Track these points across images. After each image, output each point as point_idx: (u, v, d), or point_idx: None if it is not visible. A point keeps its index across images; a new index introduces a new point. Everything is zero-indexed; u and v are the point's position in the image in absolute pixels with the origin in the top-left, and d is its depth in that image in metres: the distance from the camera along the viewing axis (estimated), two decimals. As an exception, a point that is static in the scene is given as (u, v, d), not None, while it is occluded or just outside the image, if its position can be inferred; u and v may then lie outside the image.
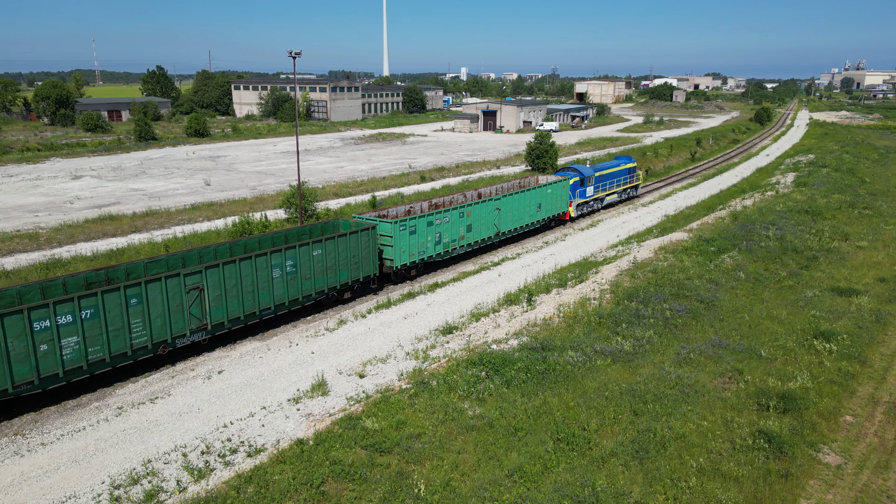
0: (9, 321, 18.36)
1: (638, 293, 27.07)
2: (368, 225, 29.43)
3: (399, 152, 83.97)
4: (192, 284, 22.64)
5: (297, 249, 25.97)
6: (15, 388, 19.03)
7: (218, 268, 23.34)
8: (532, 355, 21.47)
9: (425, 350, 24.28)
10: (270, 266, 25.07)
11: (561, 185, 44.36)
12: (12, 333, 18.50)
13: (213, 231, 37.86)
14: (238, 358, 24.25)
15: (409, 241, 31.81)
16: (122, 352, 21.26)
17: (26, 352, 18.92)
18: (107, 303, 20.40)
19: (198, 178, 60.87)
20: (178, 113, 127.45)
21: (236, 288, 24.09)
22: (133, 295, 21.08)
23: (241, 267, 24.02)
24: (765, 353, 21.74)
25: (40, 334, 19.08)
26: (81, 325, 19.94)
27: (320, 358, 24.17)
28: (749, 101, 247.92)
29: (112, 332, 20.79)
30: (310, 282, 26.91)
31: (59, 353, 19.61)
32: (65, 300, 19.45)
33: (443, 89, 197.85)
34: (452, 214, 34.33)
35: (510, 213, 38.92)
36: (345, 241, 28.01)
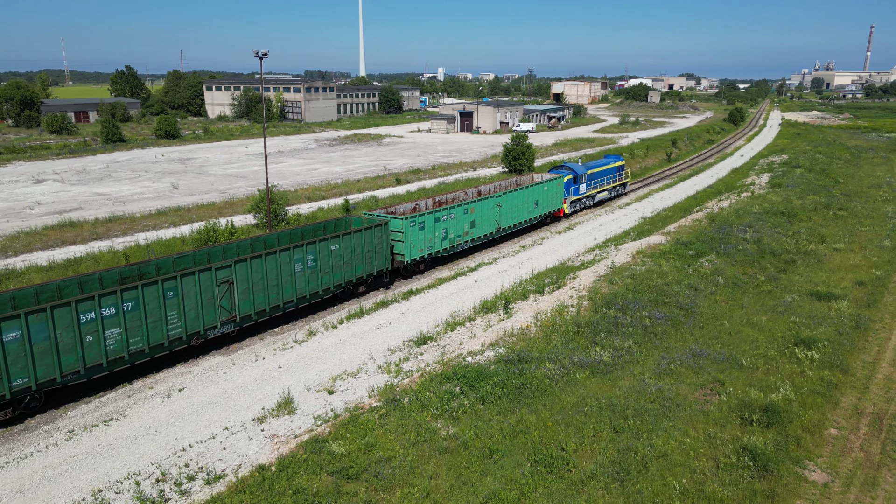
0: (58, 313, 19.21)
1: (616, 300, 26.42)
2: (381, 221, 30.43)
3: (374, 154, 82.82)
4: (222, 278, 23.62)
5: (317, 245, 26.99)
6: (63, 377, 19.91)
7: (246, 262, 24.30)
8: (508, 368, 20.65)
9: (398, 363, 23.33)
10: (293, 260, 26.06)
11: (556, 182, 45.77)
12: (61, 325, 19.34)
13: (179, 238, 36.44)
14: (201, 374, 23.05)
15: (418, 236, 32.82)
16: (160, 342, 22.22)
17: (73, 342, 19.77)
18: (146, 295, 21.36)
19: (166, 182, 59.15)
20: (148, 114, 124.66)
21: (262, 281, 25.09)
22: (169, 288, 22.04)
23: (266, 261, 24.97)
24: (746, 362, 21.19)
25: (86, 326, 19.95)
26: (123, 316, 20.90)
27: (288, 373, 23.09)
28: (722, 102, 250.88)
29: (151, 324, 21.75)
30: (328, 276, 27.90)
31: (104, 343, 20.53)
32: (108, 293, 20.39)
33: (419, 90, 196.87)
34: (458, 211, 35.41)
35: (510, 209, 40.14)
36: (360, 237, 29.05)
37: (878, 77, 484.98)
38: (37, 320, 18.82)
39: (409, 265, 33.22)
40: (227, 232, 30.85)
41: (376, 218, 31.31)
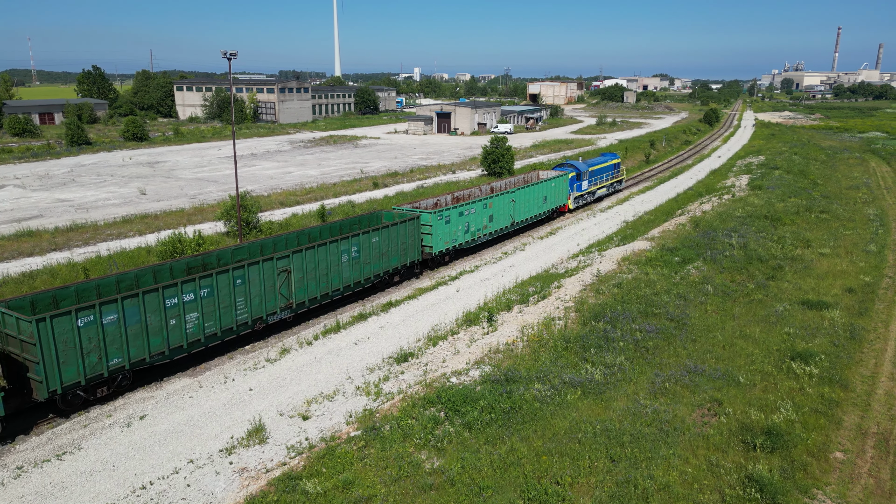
0: (148, 298, 20.91)
1: (605, 312, 25.37)
2: (413, 215, 32.65)
3: (351, 156, 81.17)
4: (281, 267, 25.39)
5: (360, 237, 28.92)
6: (151, 357, 21.64)
7: (301, 253, 26.13)
8: (495, 389, 19.42)
9: (377, 383, 21.97)
10: (340, 252, 27.96)
11: (562, 179, 48.08)
12: (150, 309, 21.02)
13: (144, 248, 34.58)
14: (164, 399, 21.43)
15: (444, 229, 34.87)
16: (230, 326, 23.90)
17: (160, 325, 21.48)
18: (219, 283, 23.04)
19: (132, 187, 56.90)
20: (115, 115, 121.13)
21: (315, 271, 26.92)
22: (238, 276, 23.76)
23: (317, 252, 26.87)
24: (743, 379, 20.24)
25: (170, 310, 21.65)
26: (200, 302, 22.56)
27: (259, 396, 21.58)
28: (696, 102, 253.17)
29: (223, 309, 23.44)
30: (369, 266, 29.85)
31: (184, 326, 22.27)
32: (189, 280, 22.01)
33: (396, 90, 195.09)
34: (478, 206, 37.46)
35: (523, 204, 42.35)
36: (396, 230, 31.06)
37: (846, 77, 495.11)
38: (130, 304, 20.49)
39: (436, 257, 35.34)
40: (195, 243, 29.16)
41: (406, 212, 33.49)
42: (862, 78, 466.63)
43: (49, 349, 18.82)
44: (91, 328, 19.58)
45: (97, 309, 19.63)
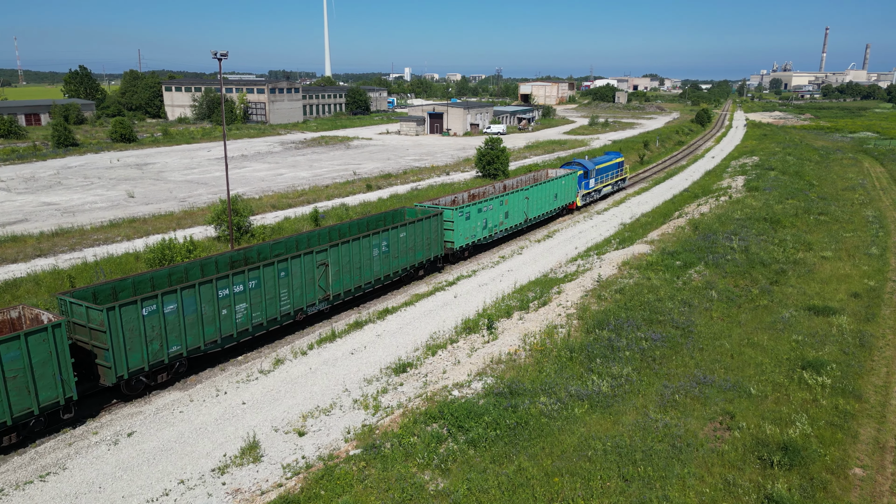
0: (203, 289, 22.03)
1: (608, 319, 24.69)
2: (436, 212, 33.85)
3: (343, 157, 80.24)
4: (320, 261, 26.60)
5: (390, 232, 30.10)
6: (206, 345, 22.80)
7: (338, 247, 27.41)
8: (499, 403, 18.68)
9: (375, 396, 21.18)
10: (371, 246, 29.20)
11: (571, 177, 49.38)
12: (205, 299, 22.14)
13: (132, 254, 33.58)
14: (153, 414, 20.54)
15: (465, 225, 36.15)
16: (274, 317, 25.05)
17: (213, 315, 22.63)
18: (265, 275, 24.22)
19: (120, 190, 55.74)
20: (103, 116, 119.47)
21: (349, 264, 28.17)
22: (282, 269, 24.90)
23: (352, 246, 28.07)
24: (754, 390, 19.61)
25: (222, 301, 22.80)
26: (248, 293, 23.74)
27: (252, 410, 20.74)
28: (687, 102, 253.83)
29: (268, 300, 24.61)
30: (397, 260, 31.05)
31: (234, 316, 23.41)
32: (239, 272, 23.20)
33: (387, 90, 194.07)
34: (495, 203, 38.73)
35: (535, 201, 43.66)
36: (421, 226, 32.31)
37: (833, 78, 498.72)
38: (188, 295, 21.55)
39: (457, 252, 36.73)
40: (186, 249, 28.24)
41: (428, 209, 34.53)
42: (850, 78, 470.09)
43: (117, 337, 19.97)
44: (154, 317, 20.79)
45: (159, 299, 20.82)
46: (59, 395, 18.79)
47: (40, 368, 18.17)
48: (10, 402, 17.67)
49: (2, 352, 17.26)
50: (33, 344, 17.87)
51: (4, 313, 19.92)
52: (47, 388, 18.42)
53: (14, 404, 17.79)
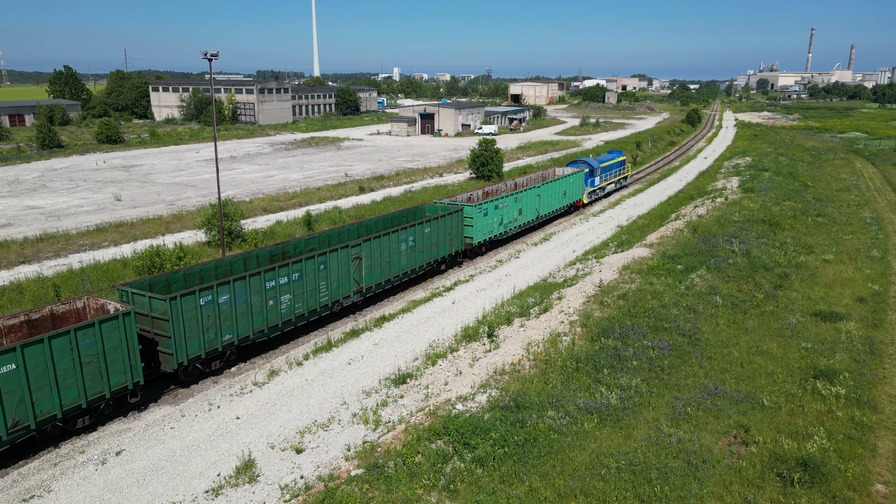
0: (253, 281, 23.26)
1: (613, 327, 24.04)
2: (457, 208, 35.17)
3: (334, 158, 79.27)
4: (354, 254, 27.83)
5: (416, 227, 31.45)
6: (254, 334, 23.96)
7: (370, 241, 28.65)
8: (506, 417, 17.95)
9: (375, 409, 20.41)
10: (399, 241, 30.49)
11: (578, 175, 50.77)
12: (253, 290, 23.36)
13: (119, 260, 32.54)
14: (143, 431, 19.65)
15: (483, 221, 37.47)
16: (314, 308, 26.26)
17: (261, 305, 23.85)
18: (307, 268, 25.46)
19: (107, 192, 54.52)
20: (89, 117, 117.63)
21: (380, 258, 29.44)
22: (321, 262, 26.16)
23: (382, 241, 29.32)
24: (767, 401, 19.02)
25: (269, 292, 24.01)
26: (292, 285, 24.93)
27: (247, 425, 19.90)
28: (676, 103, 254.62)
29: (309, 292, 25.81)
30: (422, 255, 32.51)
31: (279, 307, 24.59)
32: (284, 265, 24.39)
33: (377, 90, 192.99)
34: (510, 200, 40.15)
35: (546, 199, 45.15)
36: (444, 221, 33.71)
37: (819, 78, 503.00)
38: (239, 286, 22.76)
39: (475, 247, 37.83)
40: (176, 256, 27.29)
41: (448, 206, 35.73)
42: (835, 78, 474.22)
43: (178, 325, 21.10)
44: (209, 307, 21.94)
45: (215, 290, 21.98)
46: (128, 380, 19.93)
47: (112, 354, 19.29)
48: (85, 386, 18.75)
49: (79, 338, 18.33)
50: (106, 331, 18.98)
51: (71, 303, 21.12)
52: (117, 373, 19.56)
53: (88, 388, 18.87)
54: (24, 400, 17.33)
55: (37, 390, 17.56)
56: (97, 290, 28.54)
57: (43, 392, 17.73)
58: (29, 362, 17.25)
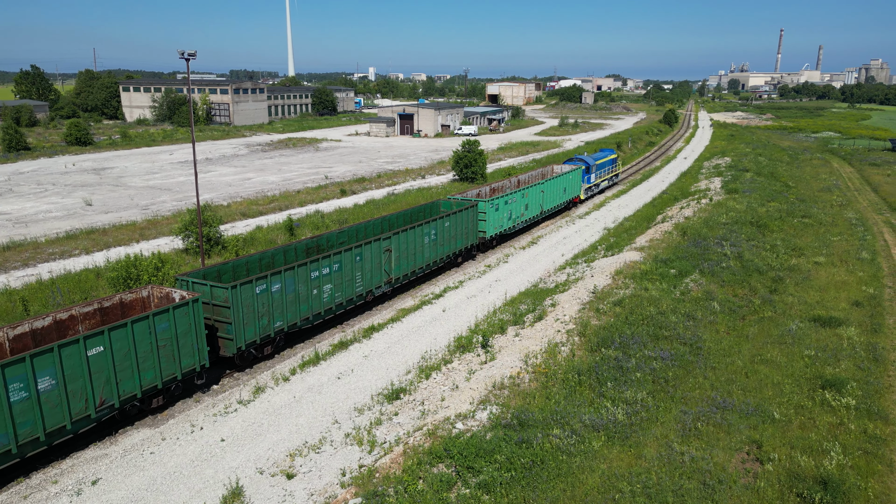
0: (300, 271, 24.56)
1: (613, 336, 23.30)
2: (472, 203, 36.95)
3: (313, 160, 77.72)
4: (385, 247, 29.19)
5: (437, 222, 32.97)
6: (301, 321, 25.22)
7: (399, 234, 30.08)
8: (509, 437, 17.05)
9: (369, 429, 19.37)
10: (423, 234, 31.98)
11: (577, 172, 52.31)
12: (300, 280, 24.64)
13: (92, 270, 30.94)
14: (120, 457, 18.34)
15: (495, 216, 39.14)
16: (350, 297, 27.64)
17: (307, 294, 25.10)
18: (345, 260, 26.83)
19: (77, 197, 52.46)
20: (57, 118, 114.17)
21: (407, 250, 30.95)
22: (357, 254, 27.52)
23: (409, 234, 30.76)
24: (777, 414, 18.41)
25: (313, 282, 25.34)
26: (332, 275, 26.29)
27: (233, 448, 18.72)
28: (651, 103, 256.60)
29: (346, 282, 27.16)
30: (443, 248, 33.99)
31: (322, 296, 25.94)
32: (326, 256, 25.79)
33: (353, 90, 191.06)
34: (517, 196, 41.77)
35: (549, 195, 47.00)
36: (462, 216, 35.27)
37: (789, 78, 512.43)
38: (289, 276, 24.07)
39: (487, 241, 39.50)
40: (154, 267, 25.88)
41: (462, 201, 37.63)
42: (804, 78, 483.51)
43: (238, 312, 22.33)
44: (264, 295, 23.18)
45: (268, 279, 23.26)
46: (196, 362, 21.20)
47: (183, 338, 20.57)
48: (161, 368, 20.01)
49: (156, 322, 19.62)
50: (178, 316, 20.26)
51: (137, 293, 22.32)
52: (187, 356, 20.84)
53: (163, 370, 20.14)
54: (110, 380, 18.58)
55: (120, 371, 18.81)
56: (69, 301, 27.00)
57: (125, 373, 18.97)
58: (115, 345, 18.54)
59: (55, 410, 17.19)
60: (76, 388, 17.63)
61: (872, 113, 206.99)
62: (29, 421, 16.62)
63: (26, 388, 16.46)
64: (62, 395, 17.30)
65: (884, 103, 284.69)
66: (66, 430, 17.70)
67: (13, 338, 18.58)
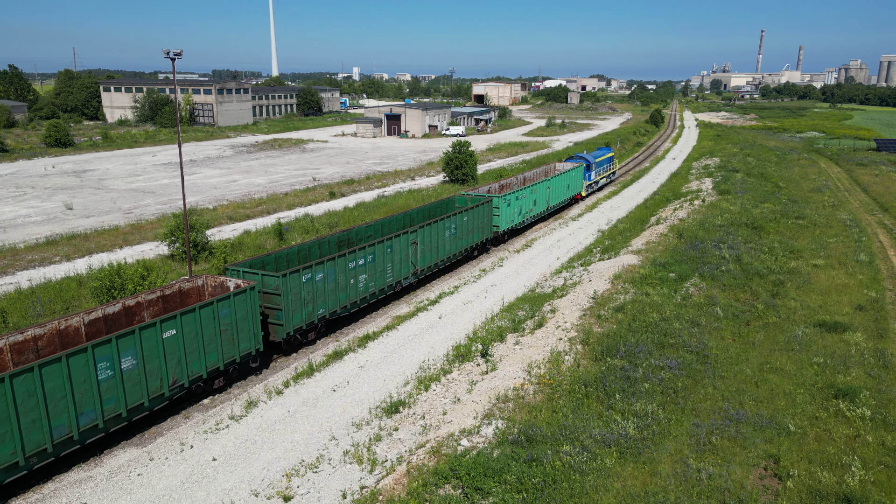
0: (338, 262, 25.91)
1: (617, 345, 22.64)
2: (487, 199, 38.35)
3: (299, 161, 76.51)
4: (412, 240, 30.71)
5: (457, 216, 34.49)
6: (341, 309, 26.70)
7: (424, 228, 31.58)
8: (517, 454, 16.30)
9: (369, 445, 18.52)
10: (445, 228, 33.46)
11: (579, 169, 54.08)
12: (339, 270, 26.04)
13: (73, 278, 29.74)
14: (106, 480, 17.33)
15: (507, 211, 40.79)
16: (382, 287, 29.06)
17: (345, 283, 26.55)
18: (378, 251, 28.33)
19: (57, 200, 50.95)
20: (36, 118, 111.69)
21: (431, 243, 32.38)
22: (388, 246, 28.88)
23: (432, 228, 32.30)
24: (792, 426, 17.81)
25: (351, 272, 26.70)
26: (367, 266, 27.66)
27: (225, 468, 17.78)
28: (636, 103, 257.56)
29: (378, 273, 28.53)
30: (461, 241, 35.50)
31: (357, 285, 27.33)
32: (361, 248, 27.21)
33: (339, 90, 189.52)
34: (527, 192, 43.46)
35: (555, 191, 48.70)
36: (478, 211, 36.73)
37: (770, 78, 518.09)
38: (330, 266, 25.56)
39: (500, 235, 40.99)
40: (139, 275, 24.78)
41: (477, 197, 38.81)
42: (785, 79, 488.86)
43: (287, 299, 23.72)
44: (309, 284, 24.60)
45: (313, 269, 24.74)
46: (251, 346, 22.62)
47: (241, 323, 21.96)
48: (222, 351, 21.36)
49: (219, 308, 21.01)
50: (237, 303, 21.70)
51: (193, 281, 23.63)
52: (245, 340, 22.26)
53: (225, 352, 21.50)
54: (181, 361, 19.98)
55: (189, 353, 20.20)
56: (49, 312, 25.83)
57: (193, 354, 20.37)
58: (185, 328, 19.94)
59: (136, 388, 18.66)
60: (153, 368, 19.10)
61: (854, 113, 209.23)
62: (113, 398, 18.08)
63: (112, 367, 17.94)
64: (142, 374, 18.78)
65: (864, 103, 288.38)
66: (144, 407, 19.11)
67: (88, 322, 20.04)
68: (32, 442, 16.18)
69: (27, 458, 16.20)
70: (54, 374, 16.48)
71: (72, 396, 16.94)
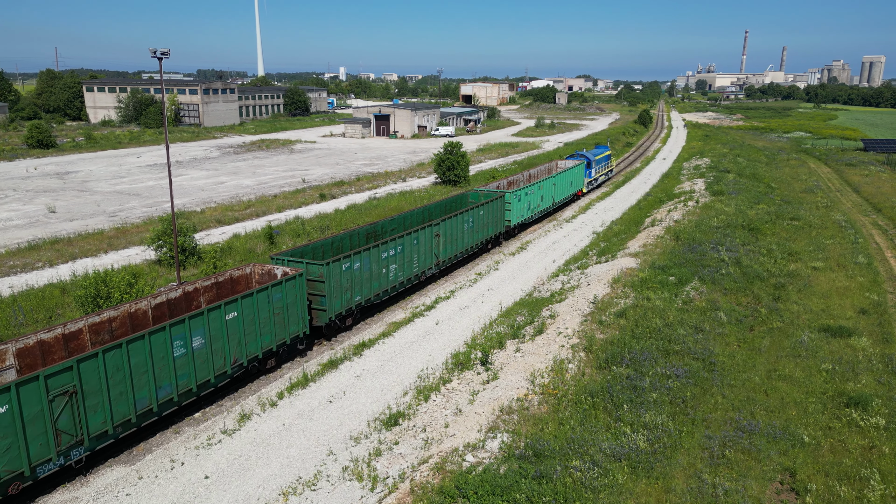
0: (372, 252, 27.18)
1: (622, 352, 22.05)
2: (500, 194, 39.57)
3: (288, 162, 75.47)
4: (435, 232, 31.98)
5: (474, 210, 35.80)
6: (374, 296, 28.02)
7: (445, 221, 32.76)
8: (525, 470, 15.63)
9: (369, 461, 17.77)
10: (463, 222, 34.64)
11: (580, 167, 55.71)
12: (373, 260, 27.29)
13: (57, 285, 28.69)
14: (92, 500, 16.45)
15: (518, 206, 42.34)
16: (409, 276, 30.40)
17: (378, 273, 27.81)
18: (406, 242, 29.54)
19: (39, 203, 49.62)
20: (17, 119, 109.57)
21: (452, 236, 33.77)
22: (415, 238, 30.24)
23: (454, 221, 33.57)
24: (806, 437, 17.30)
25: (383, 262, 27.96)
26: (397, 256, 29.00)
27: (219, 486, 16.96)
28: (623, 103, 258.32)
29: (406, 263, 29.81)
30: (477, 234, 36.79)
31: (389, 275, 28.61)
32: (392, 239, 28.51)
33: (326, 90, 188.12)
34: (534, 188, 45.16)
35: (559, 187, 50.40)
36: (492, 206, 38.16)
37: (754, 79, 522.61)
38: (365, 256, 26.74)
39: (511, 229, 42.70)
40: (126, 283, 23.83)
41: (489, 193, 40.14)
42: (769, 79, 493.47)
43: (330, 286, 24.99)
44: (348, 272, 25.88)
45: (351, 258, 25.98)
46: (300, 330, 24.01)
47: (291, 308, 23.31)
48: (275, 333, 22.75)
49: (273, 293, 22.32)
50: (288, 288, 23.02)
51: (243, 269, 25.03)
52: (294, 324, 23.62)
53: (277, 334, 22.87)
54: (241, 342, 21.37)
55: (247, 334, 21.57)
56: (32, 322, 24.81)
57: (251, 336, 21.77)
58: (244, 311, 21.25)
59: (204, 366, 20.05)
60: (218, 347, 20.51)
61: (838, 113, 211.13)
62: (185, 374, 19.47)
63: (185, 345, 19.32)
64: (209, 352, 20.17)
65: (847, 103, 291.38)
66: (210, 384, 20.62)
67: (154, 306, 21.53)
68: (119, 412, 17.58)
69: (115, 427, 17.56)
70: (139, 351, 17.96)
71: (152, 371, 18.38)
